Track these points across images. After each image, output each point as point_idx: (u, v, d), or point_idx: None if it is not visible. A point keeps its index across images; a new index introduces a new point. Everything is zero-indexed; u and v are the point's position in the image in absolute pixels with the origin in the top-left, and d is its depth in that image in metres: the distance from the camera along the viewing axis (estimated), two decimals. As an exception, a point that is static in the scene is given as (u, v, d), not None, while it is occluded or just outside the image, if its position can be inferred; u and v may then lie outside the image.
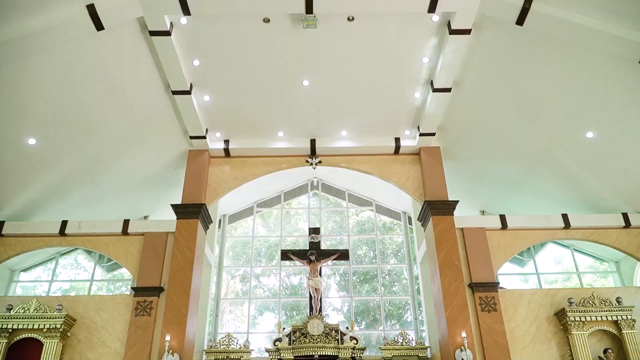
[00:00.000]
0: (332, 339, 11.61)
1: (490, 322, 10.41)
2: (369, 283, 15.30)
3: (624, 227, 11.55)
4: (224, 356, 11.79)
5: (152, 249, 11.26)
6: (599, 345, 10.24)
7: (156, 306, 10.64)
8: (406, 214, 15.05)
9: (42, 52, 8.87)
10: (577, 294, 10.68)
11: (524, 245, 11.69)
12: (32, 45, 8.49)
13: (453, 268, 10.88)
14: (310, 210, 15.55)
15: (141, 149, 11.92)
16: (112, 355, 10.22)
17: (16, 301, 10.65)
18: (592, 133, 10.49)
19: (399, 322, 14.63)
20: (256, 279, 15.04)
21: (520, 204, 13.35)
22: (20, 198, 11.47)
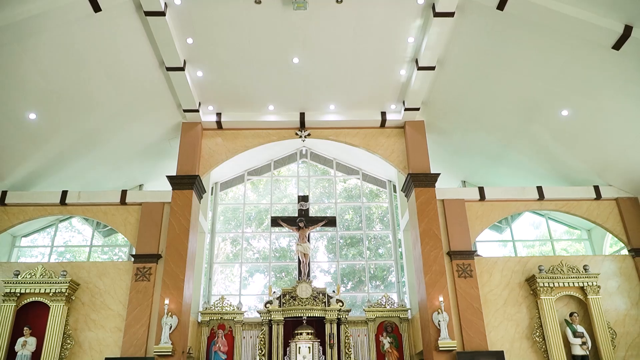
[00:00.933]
0: (319, 302, 12.45)
1: (466, 287, 11.27)
2: (355, 247, 16.12)
3: (595, 199, 12.31)
4: (218, 317, 12.66)
5: (150, 218, 11.88)
6: (565, 309, 11.16)
7: (155, 272, 11.35)
8: (391, 183, 15.72)
9: (42, 34, 9.20)
10: (547, 262, 11.53)
11: (501, 215, 12.44)
12: (32, 28, 8.83)
13: (433, 237, 11.64)
14: (299, 178, 16.17)
15: (136, 122, 12.35)
16: (114, 317, 11.00)
17: (22, 267, 11.32)
18: (567, 111, 11.07)
19: (383, 283, 15.53)
20: (247, 241, 15.78)
21: (499, 175, 14.04)
22: (21, 169, 11.96)
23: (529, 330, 11.01)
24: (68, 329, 10.78)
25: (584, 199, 12.32)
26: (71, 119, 11.36)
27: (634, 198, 12.24)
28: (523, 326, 11.07)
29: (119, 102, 11.55)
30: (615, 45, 9.18)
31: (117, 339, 10.76)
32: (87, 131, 11.90)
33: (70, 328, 10.82)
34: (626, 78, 9.74)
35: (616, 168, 11.93)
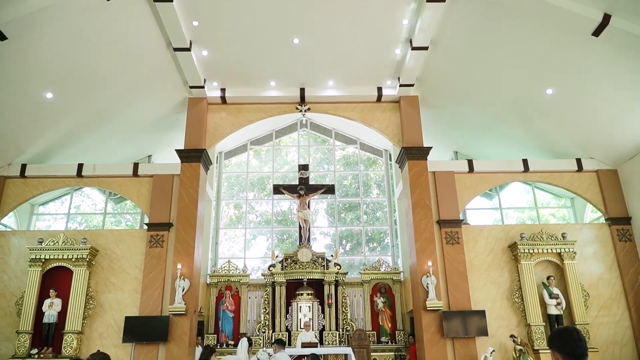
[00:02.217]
0: (318, 265, 13.56)
1: (453, 253, 12.32)
2: (353, 211, 17.15)
3: (577, 171, 13.20)
4: (225, 279, 13.81)
5: (161, 189, 12.82)
6: (543, 273, 12.24)
7: (167, 239, 12.39)
8: (387, 152, 16.57)
9: (58, 21, 9.88)
10: (529, 230, 12.54)
11: (488, 186, 13.37)
12: (48, 17, 9.52)
13: (424, 207, 12.60)
14: (299, 147, 17.02)
15: (145, 98, 13.10)
16: (132, 280, 12.11)
17: (45, 235, 12.35)
18: (552, 90, 11.81)
19: (380, 245, 16.64)
20: (250, 206, 16.76)
21: (489, 146, 14.88)
22: (39, 143, 12.81)
23: (509, 292, 12.14)
24: (90, 291, 11.92)
25: (567, 170, 13.22)
26: (84, 97, 12.12)
27: (614, 170, 13.12)
28: (504, 288, 12.19)
29: (128, 80, 12.27)
30: (595, 32, 9.85)
31: (135, 300, 11.91)
32: (99, 108, 12.67)
33: (92, 290, 11.96)
34: (605, 62, 10.46)
35: (597, 142, 12.76)
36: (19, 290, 11.86)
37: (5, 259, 12.24)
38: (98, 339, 11.59)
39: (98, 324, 11.77)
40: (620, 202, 12.81)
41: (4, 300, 11.87)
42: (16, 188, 12.87)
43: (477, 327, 11.43)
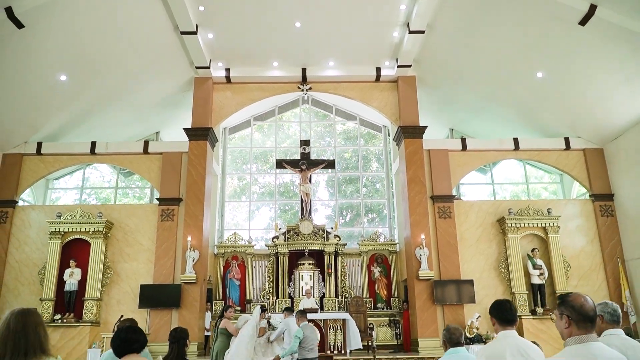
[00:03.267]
0: (319, 237, 14.53)
1: (445, 227, 13.28)
2: (353, 184, 18.04)
3: (564, 150, 14.01)
4: (232, 250, 14.82)
5: (170, 166, 13.67)
6: (528, 245, 13.22)
7: (177, 213, 13.33)
8: (386, 127, 17.32)
9: (71, 9, 10.54)
10: (517, 205, 13.45)
11: (480, 163, 14.22)
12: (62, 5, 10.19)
13: (419, 183, 13.48)
14: (301, 123, 17.77)
15: (153, 78, 13.78)
16: (145, 252, 13.11)
17: (63, 209, 13.28)
18: (542, 73, 12.50)
19: (378, 216, 17.61)
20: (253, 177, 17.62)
21: (483, 124, 15.63)
22: (53, 122, 13.58)
23: (496, 263, 13.15)
24: (107, 261, 12.94)
25: (555, 149, 14.03)
26: (96, 78, 12.82)
27: (599, 149, 13.94)
28: (492, 259, 13.20)
29: (137, 62, 12.95)
30: (582, 21, 10.50)
31: (149, 269, 12.94)
32: (110, 88, 13.38)
33: (109, 260, 12.98)
34: (592, 49, 11.14)
35: (584, 122, 13.53)
36: (41, 261, 12.87)
37: (27, 232, 13.21)
38: (116, 305, 12.68)
39: (115, 291, 12.84)
40: (604, 180, 13.68)
41: (27, 270, 12.91)
42: (33, 165, 13.73)
43: (466, 295, 12.49)
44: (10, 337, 2.51)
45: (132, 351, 3.17)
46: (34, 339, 2.53)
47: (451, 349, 4.22)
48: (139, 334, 3.25)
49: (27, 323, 2.56)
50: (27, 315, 2.60)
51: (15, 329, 2.53)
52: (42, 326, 2.63)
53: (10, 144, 13.58)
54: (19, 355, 2.49)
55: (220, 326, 8.34)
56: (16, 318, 2.56)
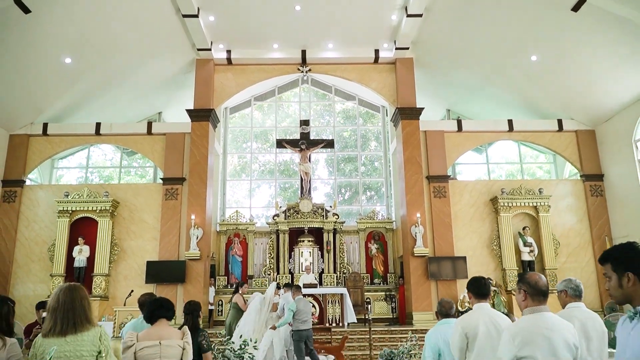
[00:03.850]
0: (318, 215, 15.10)
1: (440, 206, 13.84)
2: (351, 162, 18.55)
3: (557, 131, 14.49)
4: (234, 227, 15.40)
5: (173, 146, 14.16)
6: (520, 224, 13.80)
7: (181, 192, 13.87)
8: (385, 108, 17.74)
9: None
10: (509, 185, 14.00)
11: (475, 144, 14.72)
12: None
13: (415, 163, 13.99)
14: (300, 103, 18.18)
15: (155, 60, 14.14)
16: (150, 229, 13.70)
17: (70, 189, 13.79)
18: (536, 57, 12.90)
19: (377, 193, 18.17)
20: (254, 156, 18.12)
21: (479, 105, 16.06)
22: (58, 104, 14.00)
23: (489, 240, 13.76)
24: (114, 238, 13.53)
25: (548, 130, 14.51)
26: (100, 60, 13.20)
27: (591, 130, 14.41)
28: (484, 237, 13.80)
29: (140, 45, 13.30)
30: (574, 7, 10.87)
31: (154, 247, 13.54)
32: (113, 70, 13.76)
33: (116, 238, 13.56)
34: (584, 34, 11.53)
35: (577, 104, 13.97)
36: (50, 238, 13.45)
37: (35, 210, 13.77)
38: (123, 280, 13.31)
39: (123, 267, 13.46)
40: (595, 160, 14.20)
41: (37, 247, 13.50)
42: (39, 145, 14.20)
43: (459, 271, 13.12)
44: (60, 309, 3.05)
45: (164, 317, 3.76)
46: (80, 310, 3.07)
47: (442, 320, 4.83)
48: (171, 305, 3.83)
49: (75, 297, 3.09)
50: (74, 290, 3.14)
51: (64, 302, 3.06)
52: (87, 299, 3.16)
53: (17, 125, 14.02)
54: (69, 325, 3.03)
55: (233, 301, 9.03)
56: (65, 293, 3.09)
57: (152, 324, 3.79)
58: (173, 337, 3.77)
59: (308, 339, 8.33)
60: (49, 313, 3.05)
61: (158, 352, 3.66)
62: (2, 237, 13.37)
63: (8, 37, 11.23)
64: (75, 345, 2.98)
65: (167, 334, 3.76)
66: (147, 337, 3.72)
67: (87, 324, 3.06)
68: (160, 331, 3.77)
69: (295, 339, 8.27)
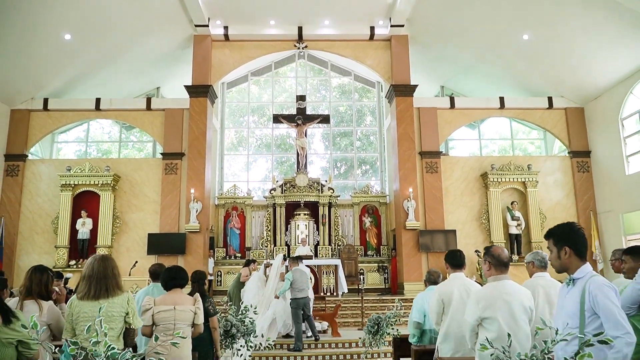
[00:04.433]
0: (314, 189, 15.65)
1: (432, 181, 14.40)
2: (347, 137, 19.04)
3: (547, 108, 14.96)
4: (231, 201, 15.95)
5: (172, 122, 14.58)
6: (508, 199, 14.40)
7: (180, 167, 14.35)
8: (380, 83, 18.12)
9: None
10: (499, 161, 14.55)
11: (467, 121, 15.20)
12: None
13: (408, 140, 14.48)
14: (297, 78, 18.54)
15: (153, 36, 14.41)
16: (151, 203, 14.23)
17: (72, 163, 14.25)
18: (527, 36, 13.28)
19: (372, 167, 18.72)
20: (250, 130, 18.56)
21: (472, 82, 16.48)
22: (57, 79, 14.33)
23: (478, 214, 14.38)
24: (116, 211, 14.07)
25: (538, 108, 14.98)
26: (99, 37, 13.49)
27: (580, 108, 14.90)
28: (474, 211, 14.42)
29: (138, 21, 13.56)
30: (564, -11, 11.23)
31: (155, 219, 14.10)
32: (112, 46, 14.06)
33: (118, 211, 14.11)
34: (574, 14, 11.90)
35: (567, 82, 14.41)
36: (53, 212, 13.98)
37: (38, 184, 14.25)
38: (126, 252, 13.91)
39: (125, 239, 14.05)
40: (582, 137, 14.73)
41: (41, 220, 14.04)
42: (40, 120, 14.59)
43: (448, 244, 13.74)
44: (95, 277, 3.59)
45: (178, 286, 4.33)
46: (112, 278, 3.62)
47: (430, 286, 5.49)
48: (184, 274, 4.39)
49: (107, 266, 3.64)
50: (106, 260, 3.68)
51: (98, 271, 3.61)
52: (117, 268, 3.71)
53: (18, 100, 14.38)
54: (102, 291, 3.58)
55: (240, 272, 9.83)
56: (98, 262, 3.63)
57: (167, 291, 4.35)
58: (186, 303, 4.35)
59: (305, 307, 9.00)
60: (84, 280, 3.59)
61: (173, 316, 4.23)
62: (7, 210, 13.88)
63: (8, 13, 11.52)
64: (107, 307, 3.53)
65: (181, 300, 4.33)
66: (163, 302, 4.29)
67: (117, 289, 3.62)
68: (174, 297, 4.35)
69: (292, 306, 8.93)
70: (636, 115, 13.18)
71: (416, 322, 5.23)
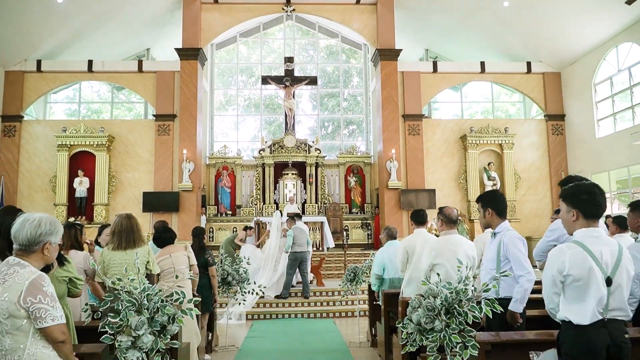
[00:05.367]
0: (302, 150, 16.48)
1: (414, 143, 15.29)
2: (334, 98, 19.77)
3: (526, 73, 15.76)
4: (222, 161, 16.76)
5: (164, 84, 15.17)
6: (486, 160, 15.37)
7: (173, 128, 15.06)
8: (367, 46, 18.71)
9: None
10: (478, 124, 15.43)
11: (449, 85, 15.98)
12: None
13: (392, 103, 15.26)
14: (285, 40, 19.05)
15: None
16: (145, 163, 15.00)
17: (67, 124, 14.89)
18: (508, 2, 13.93)
19: (358, 127, 19.56)
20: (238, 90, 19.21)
21: (456, 46, 17.12)
22: (50, 42, 14.74)
23: (457, 175, 15.37)
24: (111, 171, 14.84)
25: (517, 72, 15.77)
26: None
27: (557, 73, 15.70)
28: (453, 172, 15.40)
29: (129, -16, 14.00)
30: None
31: (149, 179, 14.91)
32: (103, 7, 14.38)
33: (113, 170, 14.88)
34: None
35: (545, 47, 15.15)
36: (50, 171, 14.71)
37: (34, 144, 14.91)
38: (122, 210, 14.70)
39: (121, 197, 14.89)
40: (558, 101, 15.61)
41: (39, 179, 14.78)
42: (34, 82, 15.10)
43: (428, 202, 14.76)
44: (124, 232, 4.48)
45: (170, 241, 5.35)
46: (137, 233, 4.52)
47: (389, 242, 6.45)
48: (172, 231, 5.47)
49: (132, 223, 4.52)
50: (131, 218, 4.56)
51: (125, 227, 4.49)
52: (139, 225, 4.61)
53: (11, 62, 14.83)
54: (129, 243, 4.48)
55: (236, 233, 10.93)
56: (125, 220, 4.52)
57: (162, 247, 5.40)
58: (180, 251, 5.54)
59: (303, 261, 10.19)
60: (114, 234, 4.49)
61: (171, 262, 5.37)
62: (6, 169, 14.58)
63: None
64: (132, 256, 4.43)
65: (175, 250, 5.53)
66: (161, 254, 5.46)
67: (140, 242, 4.52)
68: (170, 249, 5.53)
69: (290, 258, 10.20)
70: (608, 81, 14.03)
71: (377, 275, 6.28)
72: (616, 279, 2.66)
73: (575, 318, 2.65)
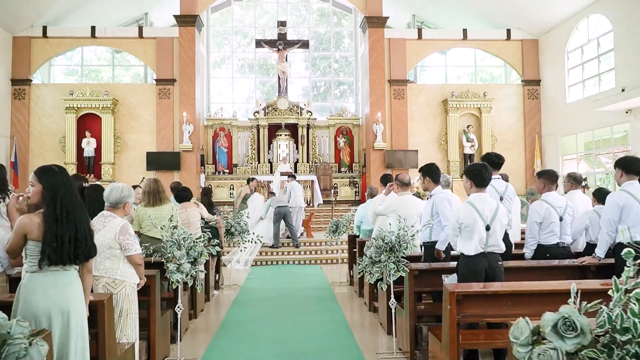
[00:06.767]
0: (294, 112, 17.79)
1: (399, 106, 16.64)
2: (326, 59, 20.96)
3: (506, 40, 16.96)
4: (219, 122, 18.09)
5: (164, 50, 16.31)
6: (465, 123, 16.78)
7: (173, 92, 16.31)
8: (357, 10, 19.71)
9: None
10: (459, 89, 16.75)
11: (433, 51, 17.20)
12: None
13: (379, 68, 16.51)
14: (278, 3, 20.05)
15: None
16: (148, 125, 16.33)
17: (74, 88, 16.10)
18: (488, -26, 15.04)
19: (349, 88, 20.86)
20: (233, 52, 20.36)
21: (440, 13, 18.21)
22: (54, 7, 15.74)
23: (438, 137, 16.82)
24: (116, 132, 16.18)
25: (497, 39, 16.97)
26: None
27: (535, 40, 16.92)
28: (435, 134, 16.84)
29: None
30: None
31: (152, 140, 16.27)
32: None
33: (118, 132, 16.22)
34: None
35: (525, 15, 16.27)
36: (59, 132, 16.02)
37: (43, 107, 16.15)
38: (127, 168, 16.20)
39: (125, 157, 16.30)
40: (535, 68, 16.89)
41: (49, 139, 16.12)
42: (41, 47, 16.20)
43: (411, 162, 16.24)
44: (152, 192, 5.93)
45: (186, 199, 6.85)
46: (162, 192, 5.98)
47: (369, 199, 8.01)
48: (189, 190, 6.95)
49: (158, 185, 5.98)
50: (157, 181, 6.02)
51: (153, 189, 5.95)
52: (163, 186, 6.06)
53: (18, 28, 15.87)
54: (156, 200, 5.94)
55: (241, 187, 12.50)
56: (153, 182, 5.97)
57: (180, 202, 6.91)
58: (192, 206, 7.07)
59: (286, 214, 11.75)
60: (145, 194, 5.95)
61: (186, 215, 6.88)
62: (18, 130, 15.88)
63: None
64: (160, 211, 5.89)
65: (189, 205, 7.06)
66: (180, 208, 6.94)
67: (166, 200, 6.00)
68: (184, 205, 7.06)
69: (275, 212, 11.80)
70: (579, 49, 15.30)
71: (356, 225, 7.88)
72: (493, 227, 4.17)
73: (466, 250, 4.18)
